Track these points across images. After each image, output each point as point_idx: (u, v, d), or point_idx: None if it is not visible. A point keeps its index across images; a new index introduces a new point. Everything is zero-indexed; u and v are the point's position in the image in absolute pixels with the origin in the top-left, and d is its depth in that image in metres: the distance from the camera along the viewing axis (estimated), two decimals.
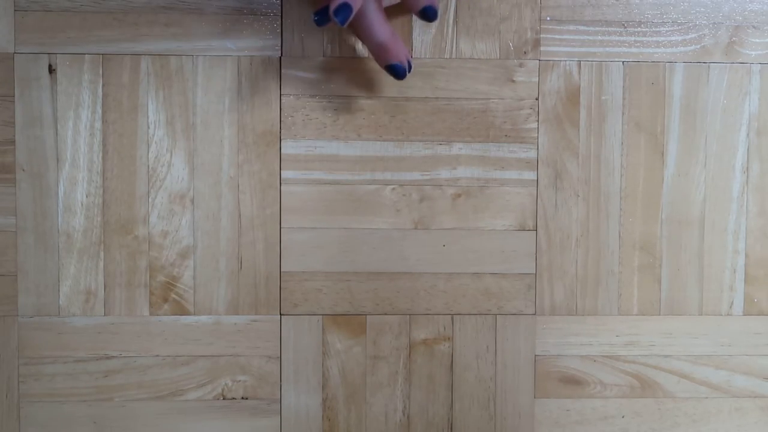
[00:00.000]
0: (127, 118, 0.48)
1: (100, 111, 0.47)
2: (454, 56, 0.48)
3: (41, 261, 0.48)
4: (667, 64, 0.49)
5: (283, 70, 0.48)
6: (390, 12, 0.46)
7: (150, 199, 0.48)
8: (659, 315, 0.50)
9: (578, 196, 0.49)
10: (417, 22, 0.47)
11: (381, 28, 0.44)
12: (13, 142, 0.47)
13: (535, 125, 0.49)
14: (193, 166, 0.48)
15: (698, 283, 0.50)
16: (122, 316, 0.48)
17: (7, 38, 0.47)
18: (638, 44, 0.49)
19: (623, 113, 0.49)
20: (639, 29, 0.49)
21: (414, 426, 0.49)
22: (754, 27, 0.49)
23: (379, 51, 0.44)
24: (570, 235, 0.49)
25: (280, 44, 0.48)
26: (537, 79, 0.49)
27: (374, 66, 0.48)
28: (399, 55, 0.44)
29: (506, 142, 0.49)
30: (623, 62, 0.49)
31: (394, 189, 0.49)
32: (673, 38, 0.49)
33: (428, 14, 0.44)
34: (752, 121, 0.49)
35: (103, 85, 0.47)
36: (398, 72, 0.44)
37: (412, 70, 0.45)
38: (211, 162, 0.48)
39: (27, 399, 0.48)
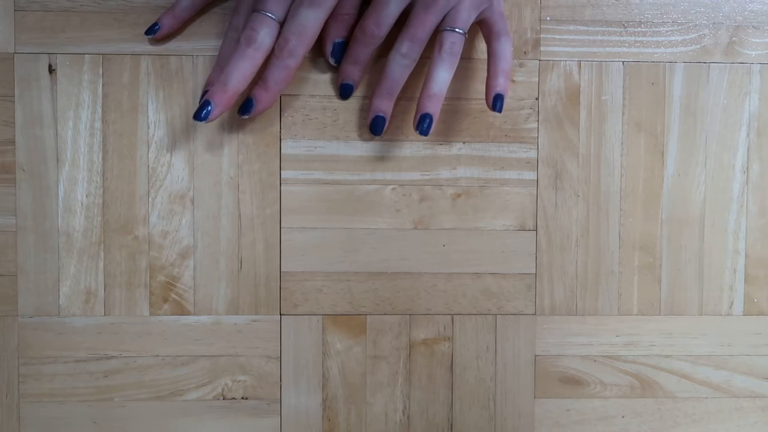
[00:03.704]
0: (127, 118, 0.48)
1: (100, 111, 0.48)
2: None
3: (41, 261, 0.48)
4: (667, 64, 0.49)
5: None
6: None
7: (150, 199, 0.48)
8: (659, 315, 0.50)
9: (578, 196, 0.49)
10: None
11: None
12: (13, 142, 0.47)
13: (535, 125, 0.49)
14: (193, 166, 0.48)
15: (698, 283, 0.50)
16: (122, 316, 0.48)
17: (7, 38, 0.47)
18: (638, 44, 0.49)
19: (623, 113, 0.49)
20: (639, 29, 0.49)
21: (414, 426, 0.49)
22: (754, 27, 0.49)
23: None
24: (570, 235, 0.49)
25: None
26: (537, 79, 0.49)
27: (373, 66, 0.48)
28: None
29: (506, 142, 0.49)
30: (623, 62, 0.49)
31: (394, 189, 0.49)
32: (673, 38, 0.49)
33: (422, 125, 0.45)
34: (752, 121, 0.49)
35: (103, 85, 0.47)
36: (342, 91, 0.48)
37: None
38: (211, 162, 0.48)
39: (27, 399, 0.48)
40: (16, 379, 0.48)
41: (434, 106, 0.44)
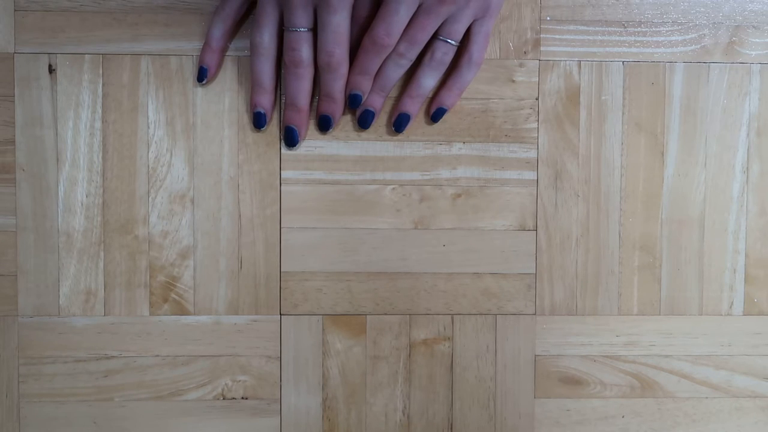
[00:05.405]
0: (127, 118, 0.48)
1: (100, 111, 0.48)
2: None
3: (41, 261, 0.48)
4: (667, 64, 0.49)
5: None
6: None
7: (150, 199, 0.48)
8: (659, 315, 0.50)
9: (578, 196, 0.49)
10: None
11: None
12: (13, 142, 0.47)
13: (535, 125, 0.49)
14: (193, 166, 0.48)
15: (698, 283, 0.50)
16: (122, 316, 0.48)
17: (7, 38, 0.47)
18: (638, 44, 0.49)
19: (623, 113, 0.49)
20: (639, 29, 0.49)
21: (414, 426, 0.49)
22: (754, 27, 0.49)
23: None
24: (570, 235, 0.49)
25: None
26: (537, 79, 0.49)
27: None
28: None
29: (506, 142, 0.49)
30: (623, 62, 0.49)
31: (394, 189, 0.49)
32: (673, 38, 0.49)
33: (399, 124, 0.47)
34: (752, 121, 0.49)
35: (103, 85, 0.47)
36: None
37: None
38: (211, 162, 0.48)
39: (27, 399, 0.48)
40: (16, 379, 0.48)
41: (414, 107, 0.47)
